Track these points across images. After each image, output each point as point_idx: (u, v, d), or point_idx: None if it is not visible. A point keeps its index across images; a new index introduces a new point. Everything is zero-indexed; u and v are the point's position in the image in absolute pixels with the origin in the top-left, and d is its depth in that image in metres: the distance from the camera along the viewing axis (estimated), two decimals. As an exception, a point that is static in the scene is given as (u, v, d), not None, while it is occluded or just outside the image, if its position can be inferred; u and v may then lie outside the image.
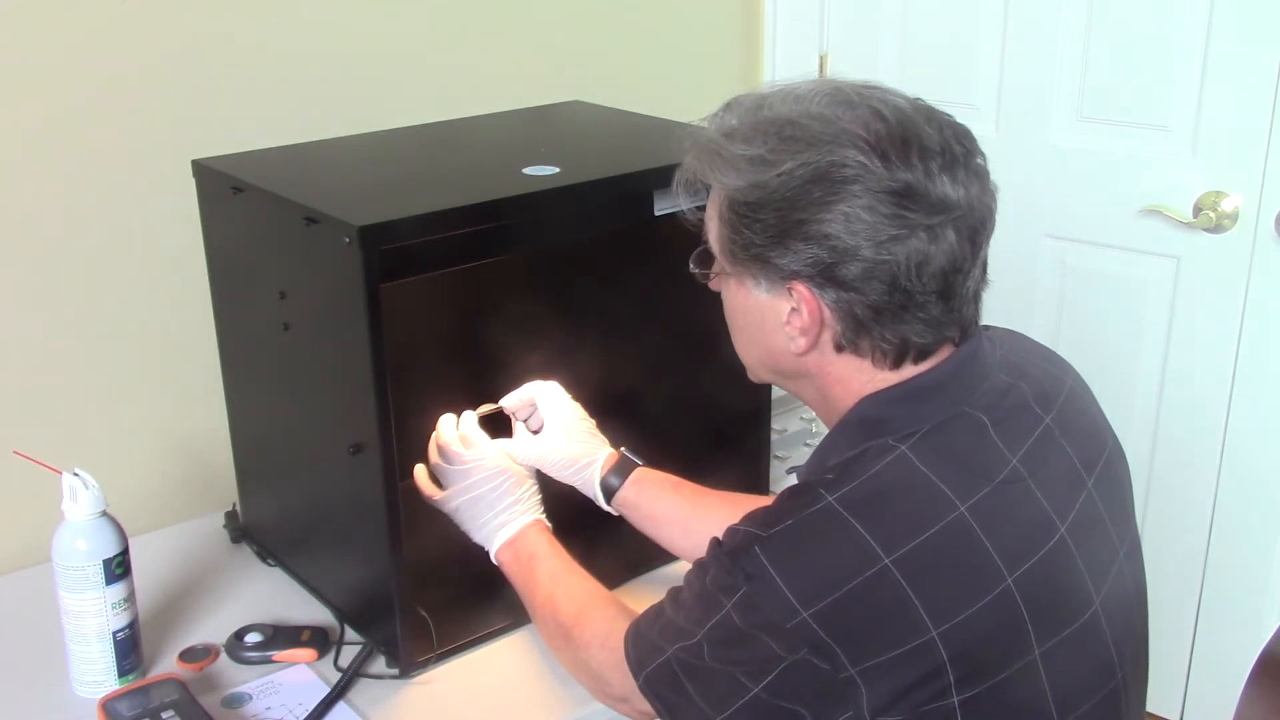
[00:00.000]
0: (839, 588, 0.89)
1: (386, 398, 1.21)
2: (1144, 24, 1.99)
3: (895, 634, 0.89)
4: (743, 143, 0.96)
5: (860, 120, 0.93)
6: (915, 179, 0.92)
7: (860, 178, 0.92)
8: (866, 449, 0.97)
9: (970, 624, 0.90)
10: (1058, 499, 0.99)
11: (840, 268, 0.94)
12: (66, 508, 1.25)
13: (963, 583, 0.91)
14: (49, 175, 1.54)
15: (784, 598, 0.90)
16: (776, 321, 1.00)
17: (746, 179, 0.96)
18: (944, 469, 0.94)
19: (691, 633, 0.97)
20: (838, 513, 0.92)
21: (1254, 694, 1.18)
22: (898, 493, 0.94)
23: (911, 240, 0.93)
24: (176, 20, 1.59)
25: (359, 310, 1.18)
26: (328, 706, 1.26)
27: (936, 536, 0.91)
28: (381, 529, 1.26)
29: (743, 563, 0.93)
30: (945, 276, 0.95)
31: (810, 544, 0.92)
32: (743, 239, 0.98)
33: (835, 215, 0.92)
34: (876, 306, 0.95)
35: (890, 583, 0.89)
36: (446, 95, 1.85)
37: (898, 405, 0.98)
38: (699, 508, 1.33)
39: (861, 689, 0.89)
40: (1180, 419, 2.11)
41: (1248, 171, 1.94)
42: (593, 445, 1.36)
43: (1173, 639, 2.20)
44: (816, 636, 0.89)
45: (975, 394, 1.00)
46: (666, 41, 2.18)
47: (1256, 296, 1.99)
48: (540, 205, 1.31)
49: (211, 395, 1.57)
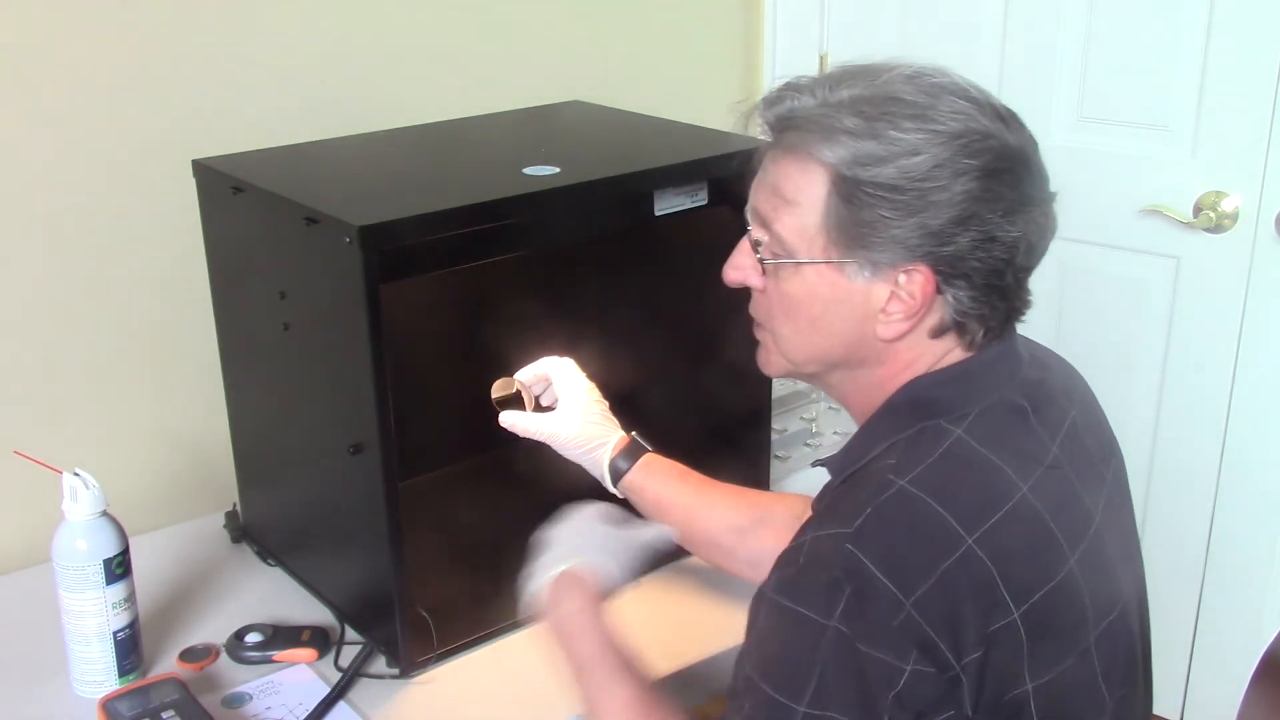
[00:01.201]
0: (933, 571, 0.87)
1: (386, 398, 1.21)
2: (1144, 24, 1.99)
3: (985, 617, 0.88)
4: (857, 116, 0.93)
5: (973, 103, 0.94)
6: (1036, 163, 0.96)
7: (995, 160, 0.92)
8: (923, 429, 0.96)
9: (1042, 605, 0.90)
10: (1089, 490, 1.00)
11: (968, 250, 0.93)
12: (67, 508, 1.25)
13: (1037, 562, 0.91)
14: (49, 175, 1.53)
15: (887, 590, 0.86)
16: (869, 308, 0.97)
17: (865, 150, 0.92)
18: (1001, 450, 0.94)
19: (783, 706, 0.87)
20: (914, 494, 0.90)
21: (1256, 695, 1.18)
22: (966, 473, 0.93)
23: (1030, 223, 0.95)
24: (176, 20, 1.59)
25: (359, 310, 1.18)
26: (328, 706, 1.26)
27: (1009, 515, 0.90)
28: (381, 529, 1.26)
29: (838, 565, 0.88)
30: (1036, 260, 0.98)
31: (896, 529, 0.90)
32: (864, 217, 0.93)
33: (967, 191, 0.92)
34: (989, 288, 0.95)
35: (976, 561, 0.88)
36: (446, 95, 1.85)
37: (947, 388, 0.98)
38: (704, 497, 1.34)
39: (964, 684, 0.88)
40: (1180, 419, 2.11)
41: (1248, 171, 1.94)
42: (607, 427, 1.36)
43: (1173, 639, 2.20)
44: (921, 631, 0.86)
45: (1015, 381, 1.00)
46: (666, 41, 2.18)
47: (1256, 296, 1.99)
48: (540, 205, 1.31)
49: (211, 395, 1.57)
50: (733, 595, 1.43)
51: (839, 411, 1.94)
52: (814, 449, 1.81)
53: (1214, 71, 1.93)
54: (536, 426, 1.35)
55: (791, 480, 1.72)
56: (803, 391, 1.95)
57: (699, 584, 1.46)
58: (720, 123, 2.00)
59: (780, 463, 1.74)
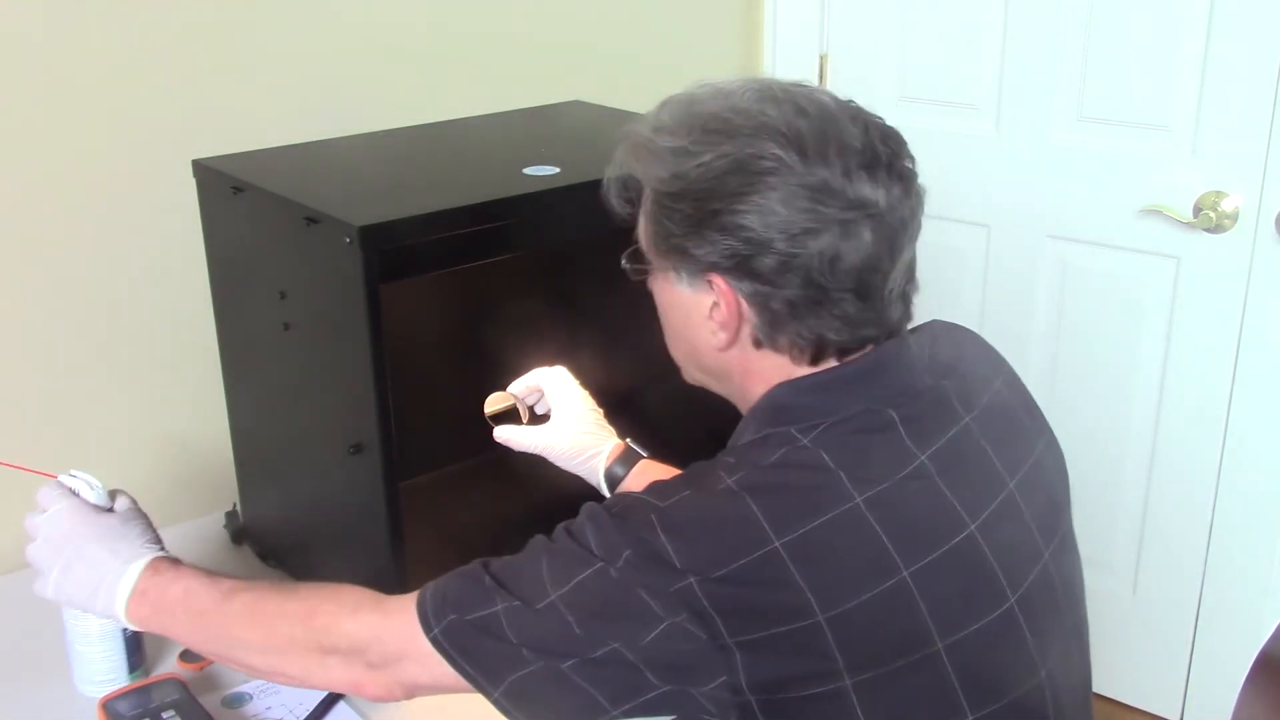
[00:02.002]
0: (728, 564, 0.89)
1: (386, 398, 1.21)
2: (1144, 24, 1.99)
3: (779, 615, 0.90)
4: (669, 136, 0.98)
5: (782, 116, 0.95)
6: (831, 175, 0.93)
7: (777, 170, 0.93)
8: (769, 436, 0.98)
9: (859, 612, 0.90)
10: (969, 497, 0.99)
11: (755, 260, 0.95)
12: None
13: (852, 571, 0.92)
14: (49, 175, 1.54)
15: (670, 564, 0.89)
16: (700, 316, 1.01)
17: (669, 170, 0.97)
18: (844, 460, 0.95)
19: (539, 592, 0.93)
20: (734, 492, 0.93)
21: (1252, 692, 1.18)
22: (793, 479, 0.95)
23: (824, 235, 0.94)
24: (177, 20, 1.59)
25: (359, 310, 1.18)
26: (328, 706, 1.26)
27: (828, 524, 0.91)
28: (381, 529, 1.26)
29: (632, 525, 0.92)
30: (860, 275, 0.96)
31: (705, 519, 0.93)
32: (663, 230, 0.99)
33: (750, 206, 0.94)
34: (792, 301, 0.96)
35: (779, 565, 0.89)
36: (446, 95, 1.85)
37: (807, 395, 0.99)
38: None
39: (738, 657, 0.89)
40: (1180, 419, 2.11)
41: (1248, 171, 1.94)
42: (601, 436, 1.36)
43: (1173, 639, 2.21)
44: (699, 604, 0.89)
45: (889, 391, 1.00)
46: (666, 41, 2.19)
47: (1256, 296, 1.99)
48: (540, 205, 1.31)
49: (211, 395, 1.57)
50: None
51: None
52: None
53: (1214, 71, 1.93)
54: (531, 440, 1.36)
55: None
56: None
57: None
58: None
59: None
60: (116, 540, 1.14)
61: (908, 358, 1.03)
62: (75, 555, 1.13)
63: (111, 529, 1.15)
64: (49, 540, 1.14)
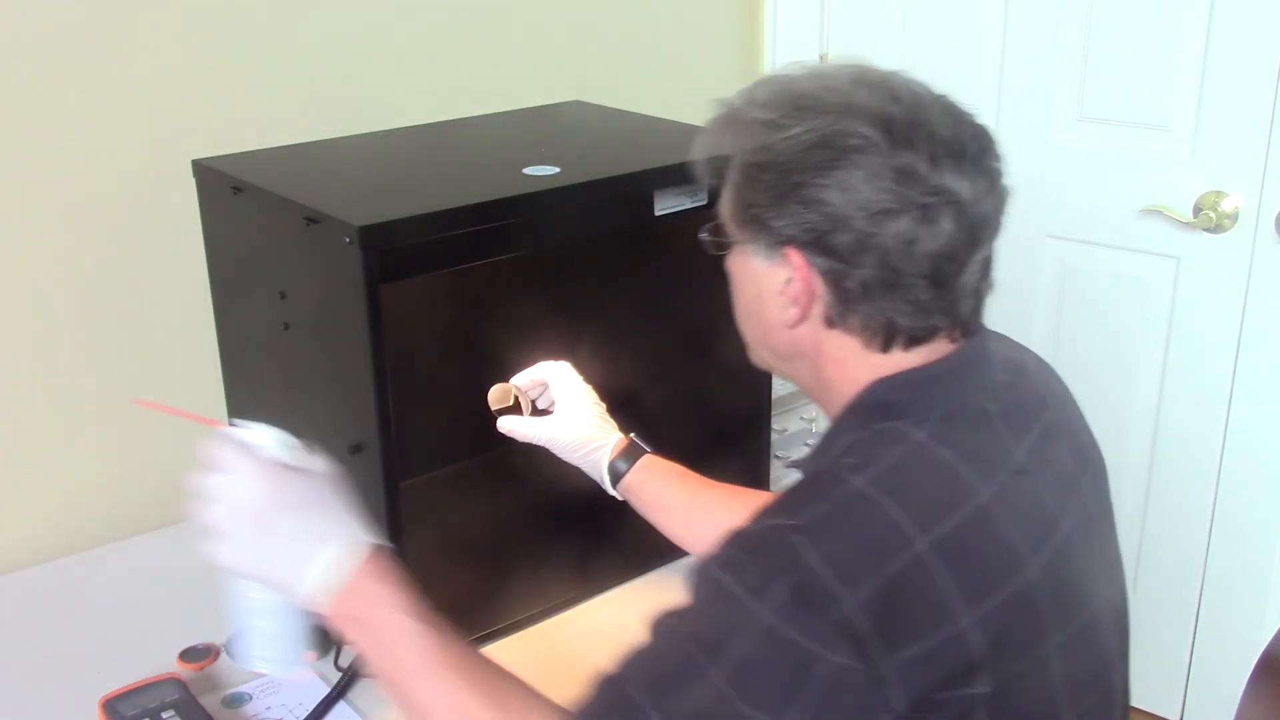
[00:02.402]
0: (880, 572, 0.87)
1: (386, 398, 1.21)
2: (1144, 24, 1.99)
3: (932, 622, 0.88)
4: (761, 109, 0.98)
5: (875, 99, 0.95)
6: (917, 160, 0.93)
7: (863, 149, 0.93)
8: (881, 431, 0.96)
9: (997, 614, 0.89)
10: (1058, 497, 0.99)
11: (832, 236, 0.94)
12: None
13: (991, 570, 0.91)
14: (49, 175, 1.53)
15: (827, 587, 0.86)
16: (772, 290, 1.00)
17: (757, 141, 0.97)
18: (962, 455, 0.94)
19: (696, 660, 0.87)
20: (870, 494, 0.90)
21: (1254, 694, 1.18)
22: (923, 476, 0.93)
23: (904, 217, 0.93)
24: (177, 20, 1.59)
25: (359, 310, 1.18)
26: (328, 706, 1.26)
27: (964, 521, 0.90)
28: (381, 529, 1.26)
29: (777, 554, 0.88)
30: (936, 262, 0.95)
31: (846, 527, 0.89)
32: (745, 200, 0.99)
33: (832, 181, 0.93)
34: (866, 282, 0.95)
35: (926, 566, 0.87)
36: (446, 95, 1.85)
37: (909, 391, 0.98)
38: (702, 498, 1.34)
39: (890, 687, 0.87)
40: (1180, 419, 2.11)
41: (1248, 171, 1.94)
42: (605, 429, 1.36)
43: (1173, 639, 2.21)
44: (858, 628, 0.85)
45: (982, 386, 1.00)
46: (666, 41, 2.19)
47: (1256, 296, 1.99)
48: (540, 205, 1.31)
49: (211, 395, 1.57)
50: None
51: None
52: (818, 440, 1.81)
53: (1214, 71, 1.93)
54: (535, 431, 1.35)
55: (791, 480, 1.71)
56: (802, 391, 1.95)
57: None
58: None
59: (780, 463, 1.74)
60: (316, 511, 1.00)
61: (989, 352, 1.03)
62: (270, 526, 0.98)
63: (310, 496, 1.00)
64: (236, 504, 0.99)
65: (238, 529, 0.99)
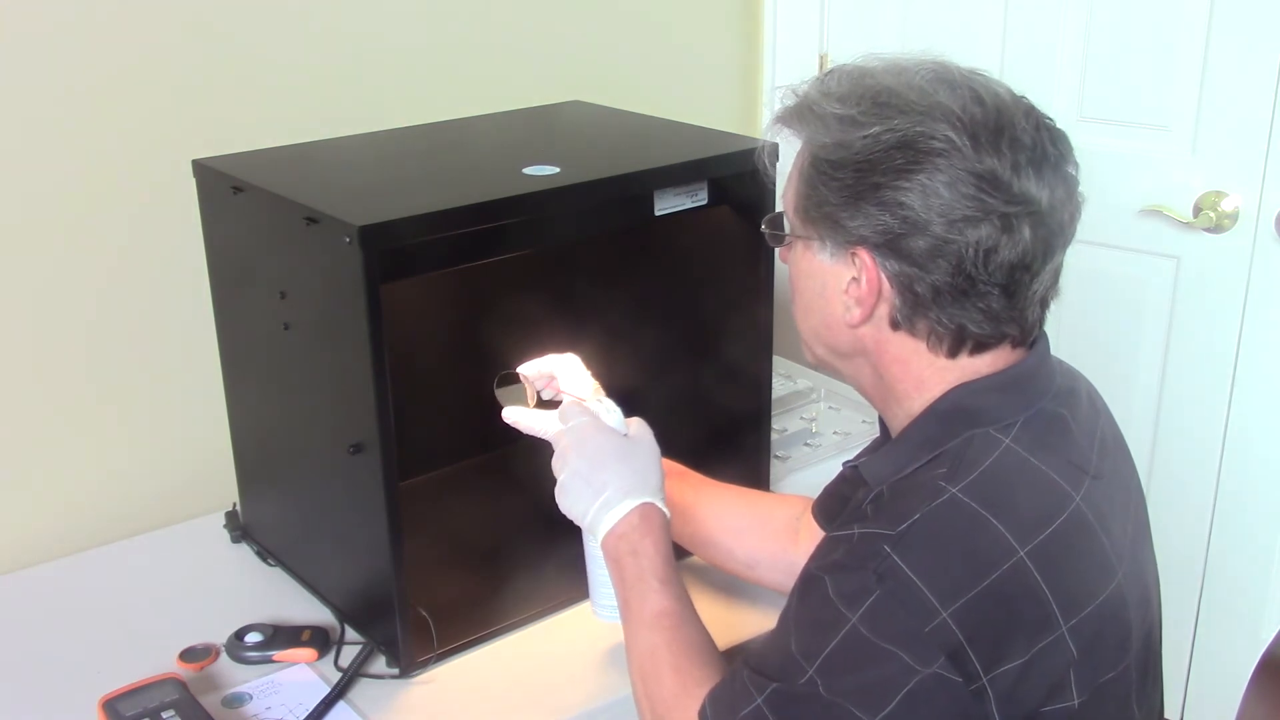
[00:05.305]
0: (979, 582, 0.86)
1: (386, 398, 1.21)
2: (1144, 24, 1.99)
3: (1030, 631, 0.87)
4: (838, 103, 0.95)
5: (958, 100, 0.93)
6: (1001, 167, 0.91)
7: (946, 153, 0.91)
8: (971, 437, 0.95)
9: (1091, 619, 0.89)
10: (1123, 502, 0.99)
11: (908, 240, 0.92)
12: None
13: (1086, 576, 0.90)
14: (49, 175, 1.54)
15: (923, 598, 0.85)
16: (836, 289, 0.98)
17: (833, 136, 0.95)
18: (1050, 460, 0.93)
19: (798, 667, 0.89)
20: (966, 504, 0.89)
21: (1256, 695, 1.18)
22: (1019, 483, 0.92)
23: (984, 225, 0.91)
24: (177, 20, 1.59)
25: (359, 310, 1.18)
26: (328, 706, 1.26)
27: (1062, 528, 0.89)
28: (381, 529, 1.26)
29: (871, 565, 0.87)
30: (1012, 271, 0.94)
31: (944, 538, 0.89)
32: (818, 196, 0.96)
33: (914, 185, 0.91)
34: (938, 287, 0.94)
35: (1027, 575, 0.86)
36: (446, 95, 1.85)
37: (985, 396, 0.97)
38: (703, 497, 1.34)
39: (991, 700, 0.86)
40: (1180, 419, 2.11)
41: (1248, 171, 1.94)
42: None
43: (1173, 639, 2.20)
44: (954, 639, 0.84)
45: (1052, 390, 1.00)
46: (666, 41, 2.18)
47: (1256, 296, 1.99)
48: (540, 205, 1.31)
49: (211, 395, 1.57)
50: (731, 595, 1.43)
51: (839, 411, 1.94)
52: (814, 449, 1.81)
53: (1214, 71, 1.93)
54: (540, 424, 1.34)
55: (791, 480, 1.72)
56: (802, 391, 1.95)
57: (698, 583, 1.46)
58: (720, 123, 2.01)
59: (780, 463, 1.74)
60: (619, 463, 1.15)
61: (1051, 359, 1.02)
62: (586, 471, 1.14)
63: (617, 451, 1.16)
64: (567, 449, 1.17)
65: (565, 472, 1.16)
